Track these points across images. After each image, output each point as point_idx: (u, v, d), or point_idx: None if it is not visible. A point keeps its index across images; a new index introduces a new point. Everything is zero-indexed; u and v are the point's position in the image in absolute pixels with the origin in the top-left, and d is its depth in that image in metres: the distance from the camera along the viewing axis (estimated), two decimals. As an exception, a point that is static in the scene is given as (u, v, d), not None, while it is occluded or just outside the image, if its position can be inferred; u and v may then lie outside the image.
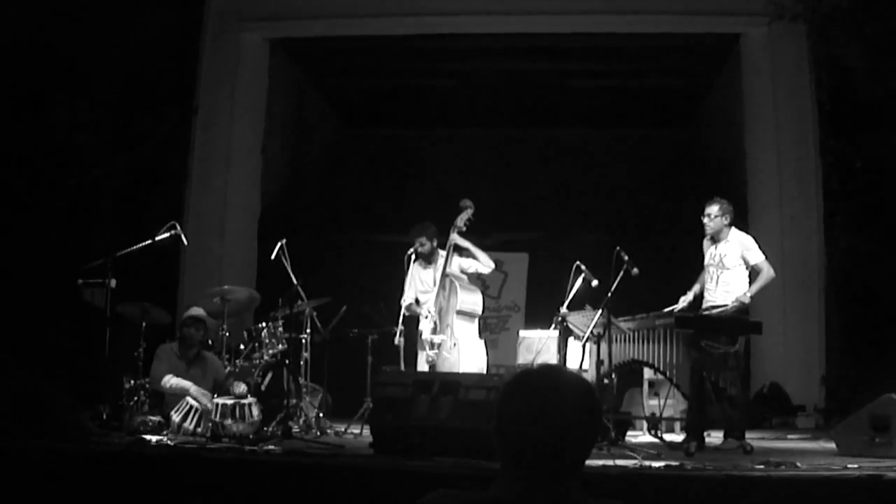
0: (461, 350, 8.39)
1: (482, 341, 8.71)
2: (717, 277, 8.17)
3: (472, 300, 8.59)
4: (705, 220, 8.20)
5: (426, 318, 8.63)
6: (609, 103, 13.91)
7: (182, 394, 7.89)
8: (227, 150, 11.95)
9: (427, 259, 8.87)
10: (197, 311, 8.66)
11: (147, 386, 8.14)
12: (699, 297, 8.39)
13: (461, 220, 8.63)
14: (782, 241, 10.88)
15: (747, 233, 8.53)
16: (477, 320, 8.70)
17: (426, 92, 14.12)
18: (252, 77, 12.16)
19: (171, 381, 8.04)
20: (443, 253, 8.80)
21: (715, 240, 8.25)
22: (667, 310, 8.20)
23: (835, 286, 10.93)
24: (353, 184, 14.21)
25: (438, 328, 8.50)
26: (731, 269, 8.12)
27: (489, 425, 2.44)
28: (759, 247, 8.25)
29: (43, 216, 10.62)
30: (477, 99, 13.84)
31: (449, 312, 8.48)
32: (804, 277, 10.88)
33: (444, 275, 8.58)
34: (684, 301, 8.37)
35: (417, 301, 8.78)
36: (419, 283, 8.86)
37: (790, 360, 10.85)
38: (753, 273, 8.12)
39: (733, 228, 8.26)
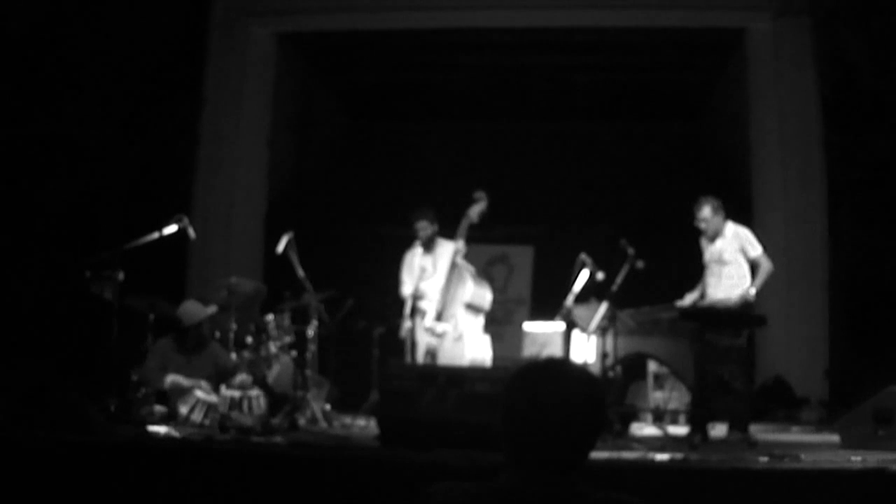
0: (465, 343, 8.40)
1: (487, 336, 8.70)
2: (720, 272, 8.21)
3: (482, 294, 8.57)
4: (702, 224, 8.23)
5: (430, 302, 8.63)
6: (614, 97, 13.89)
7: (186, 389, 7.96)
8: (234, 143, 11.96)
9: (427, 245, 8.84)
10: (197, 309, 8.63)
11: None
12: (704, 296, 8.42)
13: (474, 213, 8.56)
14: (787, 235, 10.88)
15: (745, 226, 8.55)
16: (483, 315, 8.69)
17: (433, 86, 14.11)
18: (259, 71, 12.17)
19: (169, 379, 8.08)
20: (441, 241, 8.77)
21: (713, 237, 8.27)
22: (671, 303, 8.23)
23: (839, 279, 10.91)
24: (359, 177, 14.20)
25: (443, 317, 8.50)
26: (731, 263, 8.16)
27: (495, 418, 2.46)
28: (758, 238, 8.26)
29: (51, 209, 10.65)
30: (483, 93, 13.85)
31: (454, 303, 8.46)
32: (809, 271, 10.88)
33: (454, 264, 8.56)
34: (689, 299, 8.41)
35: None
36: (417, 270, 8.85)
37: (794, 352, 10.84)
38: (753, 267, 8.15)
39: (729, 222, 8.29)
